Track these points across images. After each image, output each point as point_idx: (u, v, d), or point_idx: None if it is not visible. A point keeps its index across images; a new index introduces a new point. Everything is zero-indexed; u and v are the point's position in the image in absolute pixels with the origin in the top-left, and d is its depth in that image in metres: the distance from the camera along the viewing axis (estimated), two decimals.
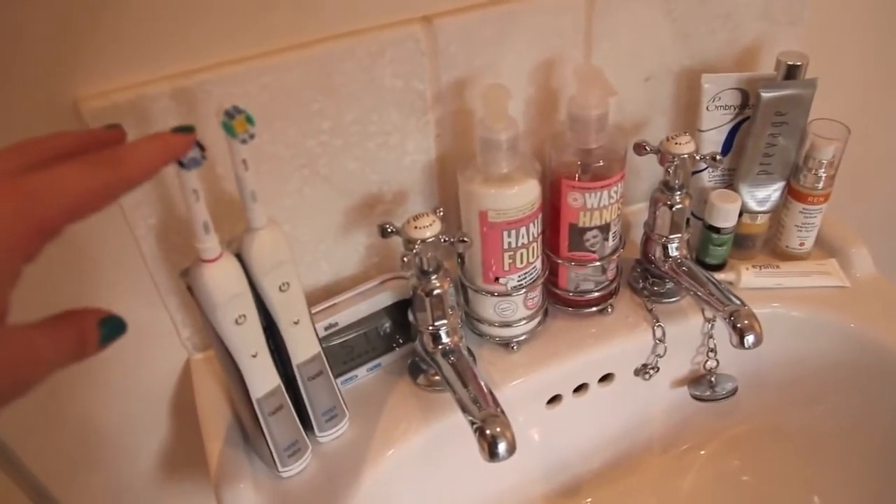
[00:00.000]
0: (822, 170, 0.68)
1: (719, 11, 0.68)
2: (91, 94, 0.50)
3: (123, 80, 0.51)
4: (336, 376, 0.62)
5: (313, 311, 0.61)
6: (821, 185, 0.69)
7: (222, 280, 0.47)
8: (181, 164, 0.40)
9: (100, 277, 0.58)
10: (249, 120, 0.43)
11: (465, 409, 0.55)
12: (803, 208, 0.71)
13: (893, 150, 0.96)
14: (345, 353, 0.64)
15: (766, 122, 0.67)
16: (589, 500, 0.76)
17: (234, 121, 0.42)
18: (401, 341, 0.67)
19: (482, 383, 0.57)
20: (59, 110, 0.50)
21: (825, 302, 0.70)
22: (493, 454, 0.53)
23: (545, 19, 0.61)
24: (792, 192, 0.71)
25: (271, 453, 0.57)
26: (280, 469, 0.58)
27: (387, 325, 0.65)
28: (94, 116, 0.50)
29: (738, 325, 0.60)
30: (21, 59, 0.47)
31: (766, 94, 0.65)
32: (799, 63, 0.65)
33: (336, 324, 0.62)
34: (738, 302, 0.62)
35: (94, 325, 0.34)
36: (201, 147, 0.40)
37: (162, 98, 0.52)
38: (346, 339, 0.63)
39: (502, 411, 0.54)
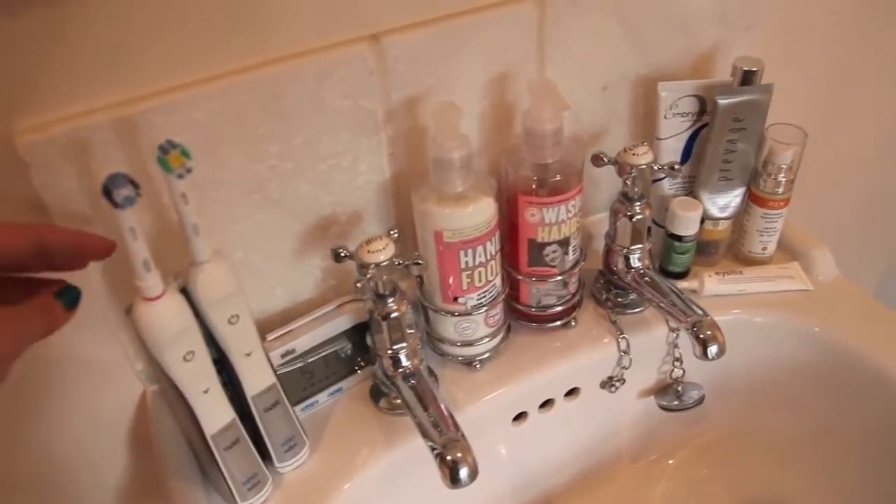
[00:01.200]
0: (782, 174, 0.68)
1: (674, 18, 0.67)
2: (27, 128, 0.48)
3: (60, 112, 0.49)
4: (295, 403, 0.61)
5: (269, 338, 0.60)
6: (781, 189, 0.69)
7: (166, 318, 0.46)
8: (115, 204, 0.38)
9: None
10: (185, 154, 0.41)
11: (425, 435, 0.54)
12: (764, 213, 0.70)
13: (850, 150, 0.96)
14: (304, 379, 0.63)
15: (724, 129, 0.67)
16: None
17: (169, 155, 0.41)
18: (362, 364, 0.66)
19: (443, 406, 0.56)
20: None
21: (789, 306, 0.70)
22: (454, 480, 0.52)
23: (496, 33, 0.60)
24: (752, 198, 0.71)
25: (229, 488, 0.55)
26: (240, 503, 0.56)
27: (347, 347, 0.64)
28: (30, 151, 0.48)
29: (701, 336, 0.59)
30: None
31: (722, 101, 0.65)
32: (755, 69, 0.65)
33: (293, 350, 0.60)
34: (700, 312, 0.61)
35: (53, 298, 0.39)
36: (135, 184, 0.39)
37: (102, 129, 0.50)
38: (305, 363, 0.62)
39: (463, 435, 0.53)
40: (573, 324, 0.69)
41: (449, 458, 0.51)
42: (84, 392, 0.63)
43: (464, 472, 0.51)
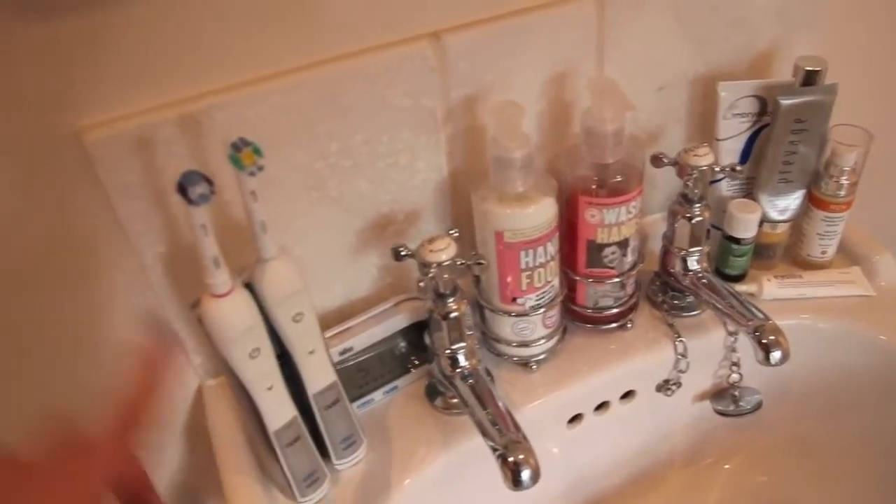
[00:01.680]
0: (845, 177, 0.67)
1: (732, 17, 0.66)
2: (94, 124, 0.49)
3: (126, 109, 0.50)
4: (352, 400, 0.61)
5: (327, 336, 0.60)
6: (843, 192, 0.67)
7: (234, 315, 0.46)
8: (190, 201, 0.39)
9: (109, 305, 0.57)
10: (257, 151, 0.41)
11: (485, 434, 0.54)
12: (825, 216, 0.69)
13: None
14: (360, 377, 0.63)
15: (785, 130, 0.65)
16: None
17: (242, 153, 0.41)
18: (416, 363, 0.66)
19: (502, 406, 0.55)
20: (62, 142, 0.48)
21: (850, 312, 0.68)
22: (516, 482, 0.51)
23: (555, 32, 0.59)
24: (813, 200, 0.69)
25: (289, 484, 0.55)
26: (299, 500, 0.57)
27: (402, 346, 0.64)
28: (97, 147, 0.49)
29: (764, 341, 0.58)
30: (22, 90, 0.46)
31: (785, 102, 0.64)
32: (818, 68, 0.64)
33: (351, 348, 0.60)
34: (761, 316, 0.60)
35: None
36: (209, 181, 0.39)
37: (166, 126, 0.50)
38: (361, 361, 0.62)
39: (524, 437, 0.53)
40: (629, 326, 0.68)
41: (511, 459, 0.51)
42: None
43: (526, 475, 0.51)
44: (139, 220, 0.53)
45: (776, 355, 0.58)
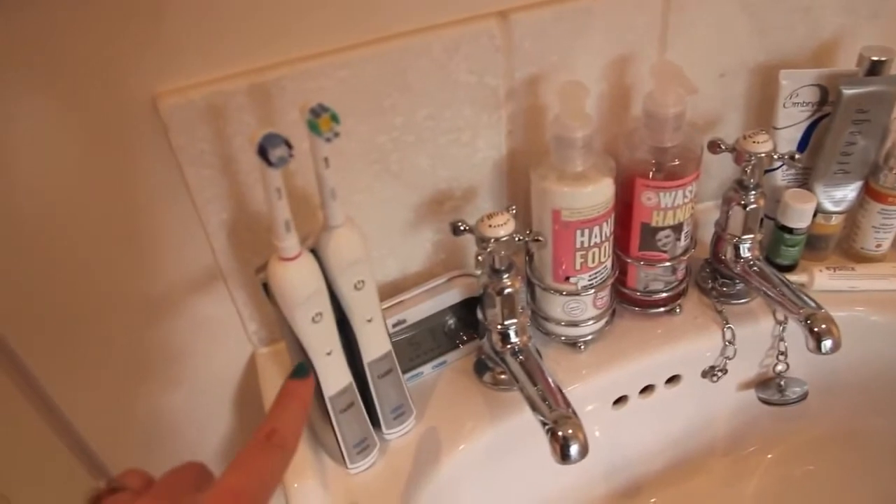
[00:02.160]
0: None
1: (798, 5, 0.65)
2: (169, 91, 0.50)
3: (200, 77, 0.51)
4: (402, 373, 0.62)
5: (382, 307, 0.61)
6: None
7: (301, 279, 0.47)
8: (269, 163, 0.40)
9: (170, 271, 0.59)
10: (335, 118, 0.42)
11: (535, 409, 0.55)
12: (882, 209, 0.68)
13: None
14: (411, 350, 0.64)
15: (846, 120, 0.65)
16: (653, 500, 0.75)
17: (320, 119, 0.42)
18: (465, 339, 0.67)
19: (552, 382, 0.56)
20: (138, 107, 0.50)
21: None
22: (564, 456, 0.52)
23: (620, 15, 0.59)
24: (870, 192, 0.69)
25: (340, 450, 0.57)
26: (349, 465, 0.58)
27: (452, 322, 0.65)
28: (172, 113, 0.50)
29: (816, 330, 0.58)
30: (101, 58, 0.47)
31: (847, 91, 0.63)
32: (884, 58, 0.63)
33: (404, 321, 0.61)
34: (813, 305, 0.60)
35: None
36: (289, 145, 0.40)
37: (238, 94, 0.51)
38: (412, 334, 0.63)
39: (574, 412, 0.53)
40: (678, 311, 0.68)
41: (560, 433, 0.52)
42: (196, 352, 0.65)
43: (574, 449, 0.52)
44: (207, 187, 0.55)
45: (827, 344, 0.58)
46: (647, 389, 0.69)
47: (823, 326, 0.58)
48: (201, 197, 0.55)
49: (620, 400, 0.68)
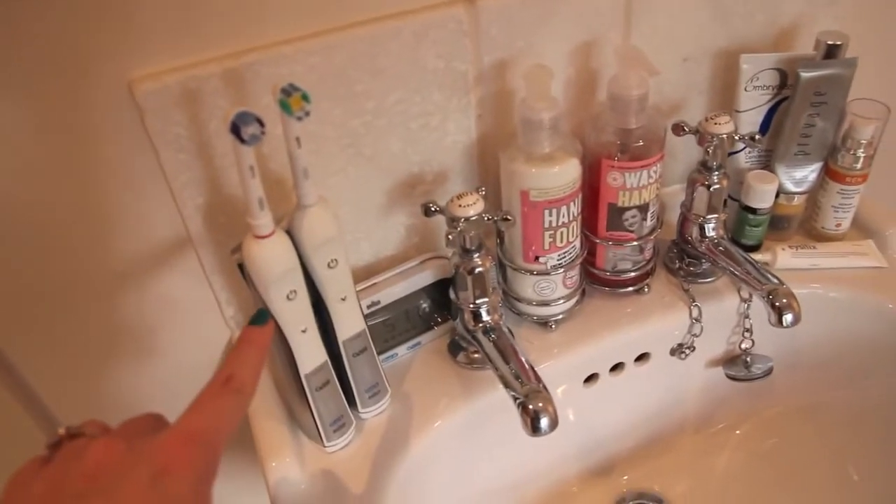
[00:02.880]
0: (861, 150, 0.68)
1: None
2: (144, 76, 0.51)
3: (174, 62, 0.52)
4: (377, 354, 0.63)
5: (357, 289, 0.63)
6: (859, 165, 0.69)
7: (275, 256, 0.48)
8: (242, 140, 0.41)
9: (145, 255, 0.60)
10: (305, 98, 0.44)
11: (507, 385, 0.56)
12: (841, 189, 0.71)
13: None
14: (385, 332, 0.65)
15: (804, 103, 0.67)
16: (625, 478, 0.77)
17: (291, 98, 0.43)
18: (439, 320, 0.68)
19: (523, 359, 0.58)
20: (114, 92, 0.51)
21: (862, 283, 0.70)
22: (535, 428, 0.53)
23: (585, 1, 0.61)
24: (829, 173, 0.71)
25: (317, 428, 0.58)
26: (326, 443, 0.59)
27: (425, 304, 0.66)
28: (147, 98, 0.51)
29: (777, 304, 0.60)
30: (77, 43, 0.48)
31: (805, 74, 0.66)
32: (839, 42, 0.65)
33: (378, 302, 0.63)
34: (775, 281, 0.62)
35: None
36: (261, 123, 0.41)
37: (212, 79, 0.52)
38: (387, 317, 0.64)
39: (544, 386, 0.55)
40: (646, 290, 0.70)
41: (531, 407, 0.53)
42: (174, 336, 0.66)
43: (545, 422, 0.53)
44: (183, 171, 0.55)
45: (788, 317, 0.60)
46: (617, 367, 0.70)
47: (784, 301, 0.60)
48: (177, 181, 0.56)
49: (591, 378, 0.70)
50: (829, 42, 0.66)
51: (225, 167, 0.57)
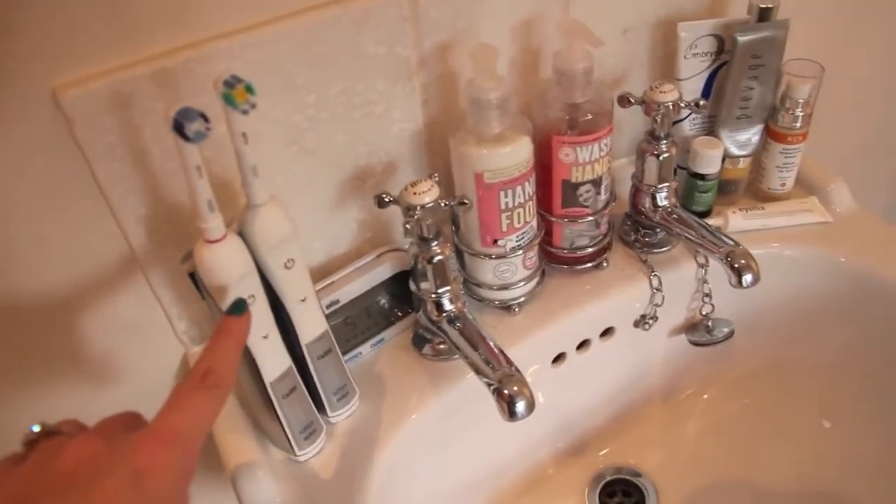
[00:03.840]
0: (799, 109, 0.70)
1: None
2: (69, 83, 0.48)
3: (101, 66, 0.49)
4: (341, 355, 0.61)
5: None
6: (798, 124, 0.70)
7: (230, 260, 0.46)
8: (186, 138, 0.39)
9: (87, 274, 0.56)
10: (249, 89, 0.41)
11: (479, 372, 0.55)
12: (783, 149, 0.72)
13: (863, 84, 0.98)
14: (347, 331, 0.63)
15: (743, 66, 0.68)
16: (599, 454, 0.77)
17: (235, 90, 0.41)
18: (400, 315, 0.67)
19: (492, 344, 0.57)
20: (38, 100, 0.48)
21: (812, 238, 0.72)
22: (512, 413, 0.53)
23: None
24: (771, 134, 0.72)
25: (287, 437, 0.56)
26: (297, 452, 0.57)
27: (384, 300, 0.65)
28: (73, 105, 0.48)
29: (736, 265, 0.61)
30: None
31: (741, 38, 0.66)
32: (770, 5, 0.66)
33: (338, 301, 0.61)
34: (732, 242, 0.63)
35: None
36: (205, 118, 0.39)
37: (143, 81, 0.50)
38: (347, 316, 0.63)
39: (517, 370, 0.54)
40: (605, 265, 0.70)
41: (506, 392, 0.52)
42: (125, 356, 0.63)
43: (521, 406, 0.52)
44: (120, 182, 0.52)
45: (748, 278, 0.61)
46: (583, 345, 0.70)
47: (743, 262, 0.61)
48: (114, 193, 0.53)
49: (559, 358, 0.69)
50: (762, 5, 0.66)
51: (165, 174, 0.54)
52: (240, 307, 0.45)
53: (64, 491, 0.33)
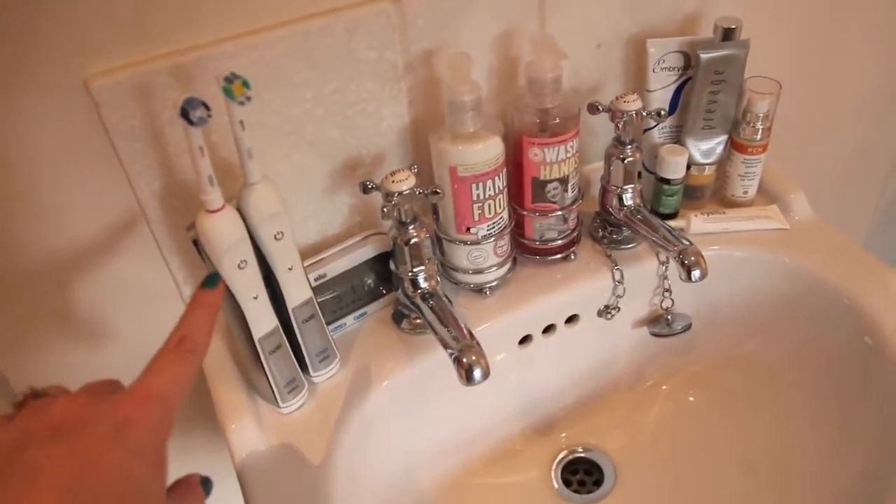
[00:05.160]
0: (759, 122, 0.76)
1: None
2: (98, 73, 0.56)
3: (126, 59, 0.57)
4: (326, 324, 0.69)
5: (304, 265, 0.68)
6: (759, 136, 0.77)
7: (226, 228, 0.54)
8: (191, 123, 0.46)
9: (104, 241, 0.65)
10: (246, 84, 0.49)
11: (445, 345, 0.62)
12: (744, 159, 0.78)
13: (822, 101, 1.04)
14: (333, 303, 0.71)
15: (706, 81, 0.74)
16: (563, 435, 0.83)
17: (233, 85, 0.49)
18: (384, 292, 0.74)
19: (458, 320, 0.64)
20: (71, 87, 0.56)
21: (766, 242, 0.78)
22: (469, 378, 0.59)
23: None
24: (734, 145, 0.78)
25: (272, 390, 0.63)
26: (281, 405, 0.64)
27: (370, 279, 0.72)
28: (101, 93, 0.56)
29: (686, 262, 0.67)
30: (37, 42, 0.53)
31: (704, 55, 0.73)
32: (733, 26, 0.73)
33: (325, 275, 0.68)
34: (686, 242, 0.69)
35: (199, 486, 0.44)
36: (207, 107, 0.47)
37: (161, 74, 0.58)
38: (334, 290, 0.70)
39: (478, 343, 0.61)
40: (573, 257, 0.77)
41: (465, 360, 0.59)
42: (133, 319, 0.70)
43: (477, 372, 0.59)
44: (139, 159, 0.61)
45: (696, 273, 0.67)
46: (549, 329, 0.77)
47: (693, 259, 0.67)
48: (133, 168, 0.61)
49: (526, 339, 0.76)
50: (725, 26, 0.73)
51: (178, 154, 0.62)
52: (213, 280, 0.48)
53: (52, 441, 0.35)
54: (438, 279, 0.68)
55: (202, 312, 0.46)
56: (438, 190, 0.64)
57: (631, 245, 0.78)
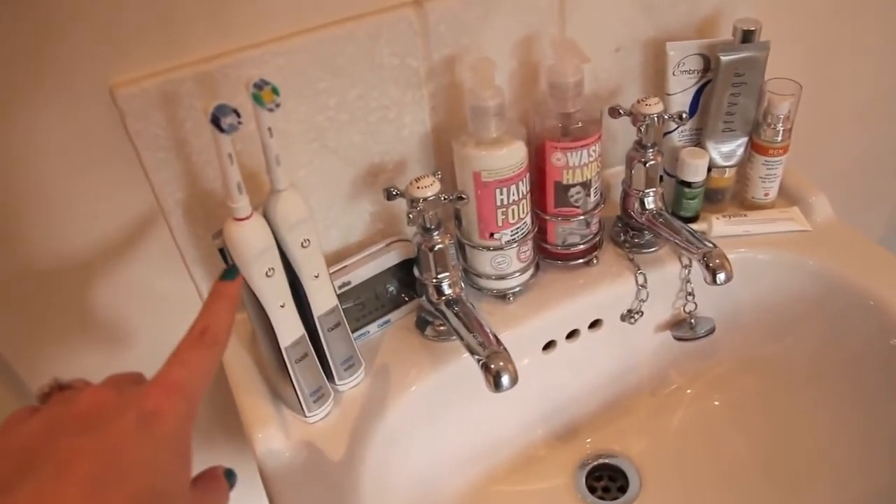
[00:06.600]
0: (780, 124, 0.76)
1: None
2: (124, 81, 0.56)
3: (152, 68, 0.57)
4: (350, 332, 0.69)
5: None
6: (779, 138, 0.76)
7: (254, 236, 0.53)
8: (221, 130, 0.46)
9: (128, 250, 0.65)
10: (275, 91, 0.49)
11: (471, 351, 0.62)
12: (765, 161, 0.78)
13: (843, 102, 1.04)
14: (357, 311, 0.70)
15: (726, 83, 0.74)
16: (588, 440, 0.83)
17: (263, 91, 0.49)
18: (406, 299, 0.74)
19: (483, 325, 0.63)
20: (97, 95, 0.56)
21: (789, 244, 0.77)
22: (497, 385, 0.59)
23: None
24: (754, 147, 0.78)
25: (298, 399, 0.63)
26: (307, 413, 0.64)
27: (393, 286, 0.72)
28: (127, 101, 0.56)
29: (711, 265, 0.67)
30: (63, 50, 0.53)
31: (724, 58, 0.73)
32: (753, 28, 0.72)
33: (349, 282, 0.68)
34: (710, 245, 0.69)
35: (223, 478, 0.44)
36: (237, 114, 0.47)
37: (186, 82, 0.58)
38: (357, 296, 0.70)
39: (505, 349, 0.61)
40: (595, 262, 0.77)
41: (492, 366, 0.59)
42: (155, 329, 0.70)
43: (506, 379, 0.59)
44: (163, 168, 0.60)
45: (721, 276, 0.67)
46: (573, 334, 0.76)
47: (717, 262, 0.67)
48: (157, 177, 0.61)
49: (549, 345, 0.76)
50: (745, 28, 0.73)
51: (201, 164, 0.62)
52: (231, 273, 0.49)
53: (80, 431, 0.36)
54: (462, 286, 0.68)
55: (223, 304, 0.46)
56: (463, 195, 0.64)
57: (653, 249, 0.78)
